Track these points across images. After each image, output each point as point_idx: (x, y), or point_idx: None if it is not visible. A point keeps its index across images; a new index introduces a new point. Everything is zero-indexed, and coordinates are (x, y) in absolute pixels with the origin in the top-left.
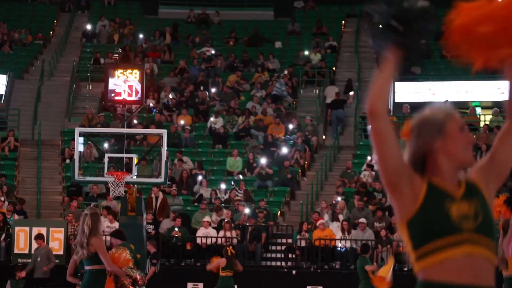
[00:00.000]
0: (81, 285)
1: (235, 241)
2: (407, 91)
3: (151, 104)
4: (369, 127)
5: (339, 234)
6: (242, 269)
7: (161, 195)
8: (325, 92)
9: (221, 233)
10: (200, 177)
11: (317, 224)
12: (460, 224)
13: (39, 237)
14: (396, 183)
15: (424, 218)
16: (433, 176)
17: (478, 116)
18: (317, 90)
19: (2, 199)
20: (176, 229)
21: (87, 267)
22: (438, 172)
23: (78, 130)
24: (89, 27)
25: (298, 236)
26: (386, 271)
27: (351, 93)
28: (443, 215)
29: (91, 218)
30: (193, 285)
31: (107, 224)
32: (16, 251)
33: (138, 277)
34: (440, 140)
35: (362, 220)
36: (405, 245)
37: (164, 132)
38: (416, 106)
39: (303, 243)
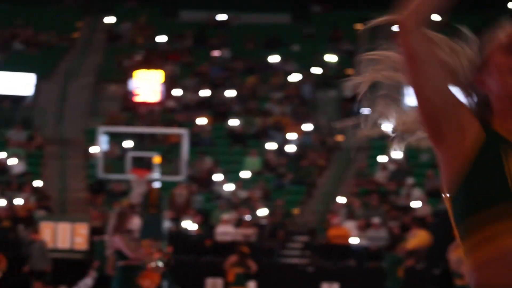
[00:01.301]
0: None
1: (253, 238)
2: None
3: (171, 104)
4: (398, 46)
5: (354, 233)
6: (256, 269)
7: (185, 192)
8: (342, 86)
9: (240, 230)
10: (219, 176)
11: (333, 222)
12: None
13: (34, 230)
14: (438, 127)
15: (472, 179)
16: (497, 124)
17: None
18: (333, 92)
19: (27, 194)
20: (196, 226)
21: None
22: (503, 117)
23: (101, 129)
24: (111, 29)
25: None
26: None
27: None
28: (501, 175)
29: (117, 217)
30: (212, 280)
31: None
32: None
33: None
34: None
35: (377, 219)
36: (452, 224)
37: (185, 131)
38: None
39: (320, 240)
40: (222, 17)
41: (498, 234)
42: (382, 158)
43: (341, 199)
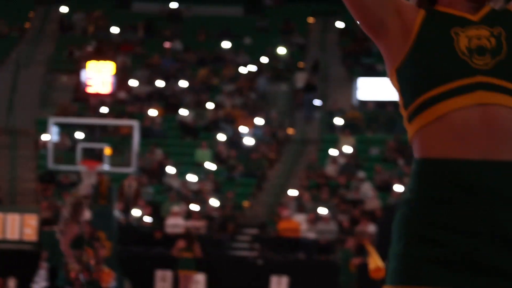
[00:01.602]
0: None
1: (202, 230)
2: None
3: (122, 96)
4: None
5: (304, 226)
6: (201, 254)
7: (134, 183)
8: (294, 77)
9: (190, 222)
10: (169, 168)
11: (283, 215)
12: (470, 60)
13: None
14: (378, 20)
15: (417, 58)
16: (440, 7)
17: None
18: (284, 86)
19: None
20: (146, 218)
21: None
22: (449, 3)
23: (52, 120)
24: (64, 19)
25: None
26: (377, 260)
27: None
28: (445, 48)
29: (72, 207)
30: (162, 272)
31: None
32: None
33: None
34: None
35: (326, 212)
36: (400, 107)
37: (135, 123)
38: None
39: (268, 234)
40: (174, 8)
41: (447, 109)
42: (332, 152)
43: (291, 192)
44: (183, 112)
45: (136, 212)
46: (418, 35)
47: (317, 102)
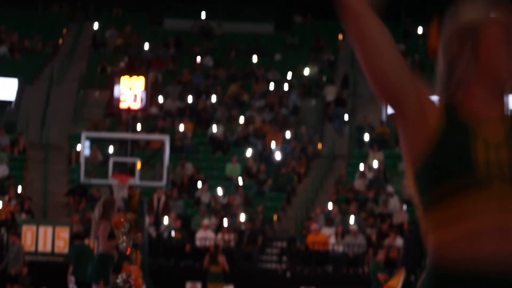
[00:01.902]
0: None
1: (232, 243)
2: None
3: (154, 111)
4: (348, 30)
5: (332, 239)
6: (227, 267)
7: (163, 197)
8: (324, 91)
9: (220, 235)
10: (200, 182)
11: (312, 229)
12: (487, 169)
13: (14, 233)
14: (396, 103)
15: (435, 161)
16: (459, 99)
17: None
18: (314, 101)
19: (9, 198)
20: (176, 230)
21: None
22: (469, 93)
23: (84, 134)
24: (96, 36)
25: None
26: (396, 283)
27: None
28: (464, 156)
29: (102, 205)
30: (191, 284)
31: None
32: (23, 248)
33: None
34: (470, 51)
35: (354, 226)
36: (413, 199)
37: (166, 138)
38: None
39: (297, 247)
40: (205, 25)
41: (463, 213)
42: (361, 167)
43: (320, 206)
44: (214, 127)
45: (166, 226)
46: (438, 136)
47: (346, 116)
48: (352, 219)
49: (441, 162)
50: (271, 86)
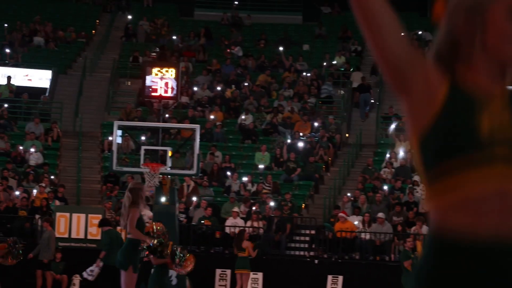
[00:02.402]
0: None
1: (261, 231)
2: None
3: (185, 100)
4: (352, 7)
5: (359, 227)
6: (253, 252)
7: (192, 183)
8: (351, 77)
9: (249, 223)
10: (229, 170)
11: (339, 217)
12: (492, 138)
13: (47, 220)
14: (401, 78)
15: (440, 131)
16: (463, 73)
17: None
18: (341, 91)
19: (44, 185)
20: (206, 218)
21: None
22: (473, 69)
23: (116, 123)
24: (128, 26)
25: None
26: None
27: None
28: (469, 125)
29: (131, 192)
30: (221, 271)
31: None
32: (56, 235)
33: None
34: (477, 25)
35: (381, 214)
36: (417, 169)
37: (197, 127)
38: None
39: (325, 234)
40: (235, 16)
41: (465, 181)
42: (387, 155)
43: (347, 195)
44: (243, 116)
45: (197, 213)
46: (443, 109)
47: (371, 102)
48: (378, 208)
49: (446, 134)
50: (300, 76)
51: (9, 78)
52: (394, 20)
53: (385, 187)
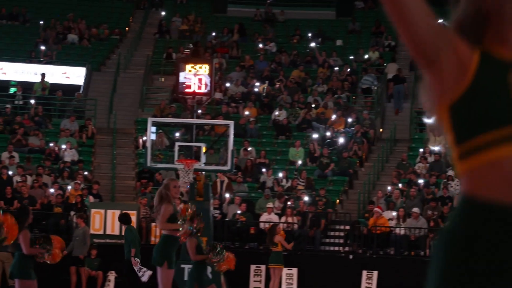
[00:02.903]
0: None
1: (295, 226)
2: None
3: (218, 97)
4: None
5: (394, 222)
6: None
7: (226, 179)
8: (386, 69)
9: (283, 218)
10: (263, 166)
11: (374, 211)
12: None
13: (81, 217)
14: (431, 55)
15: (474, 100)
16: (492, 44)
17: None
18: (376, 86)
19: (78, 182)
20: (240, 214)
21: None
22: (502, 40)
23: (150, 120)
24: (162, 23)
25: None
26: None
27: None
28: (502, 95)
29: (164, 187)
30: (256, 267)
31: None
32: (91, 231)
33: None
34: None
35: (416, 209)
36: (447, 140)
37: (231, 123)
38: None
39: (359, 230)
40: (268, 11)
41: (501, 155)
42: (422, 150)
43: (381, 190)
44: (277, 112)
45: (231, 209)
46: (475, 79)
47: (404, 93)
48: (413, 203)
49: (480, 105)
50: (333, 71)
51: (43, 75)
52: (422, 6)
53: (420, 182)
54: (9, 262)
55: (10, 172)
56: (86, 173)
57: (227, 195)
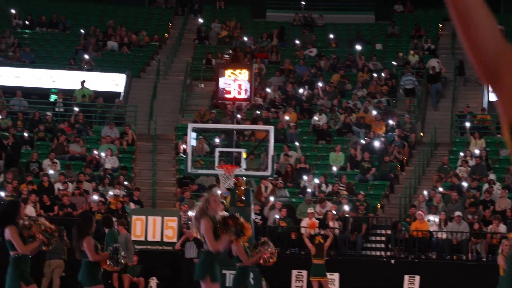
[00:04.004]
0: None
1: (337, 231)
2: None
3: (259, 102)
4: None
5: (435, 226)
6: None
7: (270, 185)
8: (427, 64)
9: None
10: (304, 171)
11: (416, 215)
12: None
13: (121, 224)
14: (494, 71)
15: None
16: None
17: None
18: (416, 89)
19: (118, 192)
20: (281, 219)
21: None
22: None
23: (191, 125)
24: (201, 29)
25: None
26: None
27: None
28: None
29: (204, 201)
30: (297, 272)
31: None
32: (133, 238)
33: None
34: None
35: (458, 213)
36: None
37: (271, 128)
38: None
39: (401, 234)
40: (307, 17)
41: None
42: (463, 154)
43: (423, 194)
44: (317, 116)
45: (272, 214)
46: None
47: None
48: (454, 207)
49: None
50: (373, 75)
51: (83, 82)
52: (488, 15)
53: (463, 185)
54: (59, 269)
55: (52, 179)
56: (127, 179)
57: (270, 199)
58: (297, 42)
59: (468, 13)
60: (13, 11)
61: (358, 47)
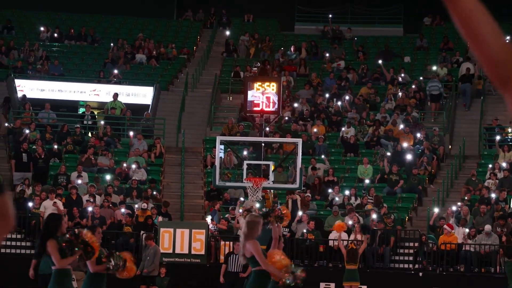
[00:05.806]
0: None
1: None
2: None
3: (287, 115)
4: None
5: (464, 239)
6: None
7: (298, 197)
8: (460, 68)
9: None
10: (332, 184)
11: (444, 228)
12: None
13: (149, 238)
14: (503, 75)
15: None
16: None
17: None
18: (443, 102)
19: (145, 206)
20: (309, 232)
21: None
22: None
23: (219, 138)
24: (229, 42)
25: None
26: None
27: None
28: None
29: (247, 225)
30: (325, 285)
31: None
32: (161, 250)
33: (298, 274)
34: None
35: (487, 227)
36: None
37: (299, 140)
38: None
39: (429, 247)
40: (336, 30)
41: None
42: (491, 167)
43: (451, 206)
44: (345, 129)
45: (300, 227)
46: None
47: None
48: (483, 219)
49: None
50: (401, 88)
51: (115, 95)
52: (493, 27)
53: (491, 197)
54: (81, 281)
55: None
56: (156, 192)
57: (299, 213)
58: (327, 55)
59: (476, 31)
60: (41, 26)
61: (386, 60)
